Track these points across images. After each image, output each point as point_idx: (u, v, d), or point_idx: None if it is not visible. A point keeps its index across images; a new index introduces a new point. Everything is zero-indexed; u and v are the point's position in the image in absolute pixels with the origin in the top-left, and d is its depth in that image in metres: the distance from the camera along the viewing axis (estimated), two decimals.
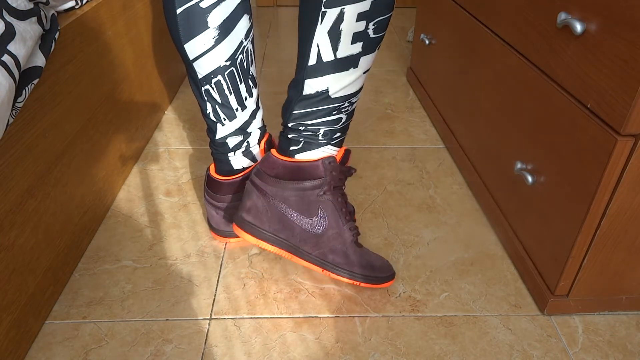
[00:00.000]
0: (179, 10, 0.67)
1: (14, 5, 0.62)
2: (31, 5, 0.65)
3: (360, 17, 0.62)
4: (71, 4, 0.83)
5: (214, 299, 0.76)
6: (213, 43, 0.70)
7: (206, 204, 0.85)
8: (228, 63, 0.72)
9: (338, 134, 0.73)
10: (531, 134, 0.76)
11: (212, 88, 0.74)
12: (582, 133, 0.63)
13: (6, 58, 0.57)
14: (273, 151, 0.74)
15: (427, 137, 1.22)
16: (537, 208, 0.75)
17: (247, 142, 0.80)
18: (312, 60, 0.65)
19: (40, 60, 0.67)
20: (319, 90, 0.68)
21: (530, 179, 0.74)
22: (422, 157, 1.14)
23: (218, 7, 0.67)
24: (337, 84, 0.67)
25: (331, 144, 0.73)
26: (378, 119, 1.31)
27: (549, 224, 0.72)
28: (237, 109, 0.76)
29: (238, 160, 0.82)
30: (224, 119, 0.77)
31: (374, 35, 0.64)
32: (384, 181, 1.05)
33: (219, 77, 0.73)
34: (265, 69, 1.64)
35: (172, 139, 1.20)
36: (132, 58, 1.09)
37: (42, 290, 0.71)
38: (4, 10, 0.60)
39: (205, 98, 0.75)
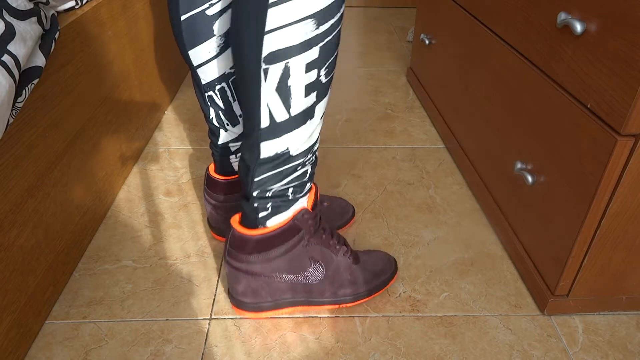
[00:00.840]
0: (183, 17, 0.66)
1: (14, 5, 0.62)
2: (31, 5, 0.65)
3: (309, 67, 0.55)
4: (71, 4, 0.83)
5: (214, 299, 0.76)
6: (218, 51, 0.68)
7: (206, 203, 0.85)
8: (232, 70, 0.71)
9: (308, 184, 0.67)
10: (531, 134, 0.76)
11: (216, 94, 0.73)
12: (582, 133, 0.63)
13: (6, 58, 0.57)
14: (238, 227, 0.67)
15: (427, 137, 1.22)
16: (537, 208, 0.75)
17: None
18: (265, 122, 0.58)
19: (40, 60, 0.67)
20: (279, 152, 0.61)
21: (530, 179, 0.74)
22: (422, 157, 1.14)
23: (224, 15, 0.66)
24: (297, 140, 0.60)
25: (301, 197, 0.67)
26: (378, 119, 1.31)
27: (549, 224, 0.72)
28: (240, 115, 0.75)
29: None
30: (227, 125, 0.76)
31: (326, 80, 0.58)
32: (384, 181, 1.05)
33: (223, 84, 0.72)
34: None
35: (172, 139, 1.20)
36: (132, 58, 1.09)
37: (42, 290, 0.71)
38: (4, 10, 0.60)
39: (209, 103, 0.75)
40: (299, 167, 0.64)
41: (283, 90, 0.56)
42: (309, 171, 0.66)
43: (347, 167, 1.10)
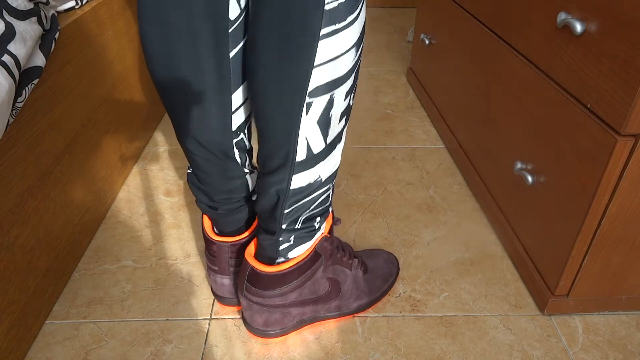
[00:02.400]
0: (232, 54, 0.57)
1: (14, 5, 0.62)
2: (31, 5, 0.65)
3: (347, 94, 0.54)
4: (71, 4, 0.83)
5: (214, 299, 0.76)
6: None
7: (218, 275, 0.73)
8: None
9: (329, 207, 0.65)
10: (531, 134, 0.76)
11: (245, 134, 0.65)
12: (582, 133, 0.63)
13: (6, 58, 0.57)
14: (255, 263, 0.64)
15: (427, 137, 1.22)
16: (537, 208, 0.75)
17: None
18: (301, 156, 0.55)
19: (40, 60, 0.67)
20: (311, 181, 0.58)
21: (530, 179, 0.74)
22: (422, 157, 1.14)
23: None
24: (328, 167, 0.59)
25: (323, 224, 0.65)
26: (378, 119, 1.31)
27: (549, 224, 0.72)
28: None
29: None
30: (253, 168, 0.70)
31: (352, 103, 0.57)
32: (384, 181, 1.05)
33: (250, 122, 0.67)
34: None
35: (172, 139, 1.20)
36: (132, 58, 1.09)
37: (42, 290, 0.71)
38: (4, 10, 0.60)
39: (236, 150, 0.65)
40: (326, 191, 0.62)
41: (324, 122, 0.54)
42: (330, 194, 0.64)
43: (347, 167, 1.10)
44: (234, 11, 0.53)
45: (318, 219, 0.63)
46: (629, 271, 0.70)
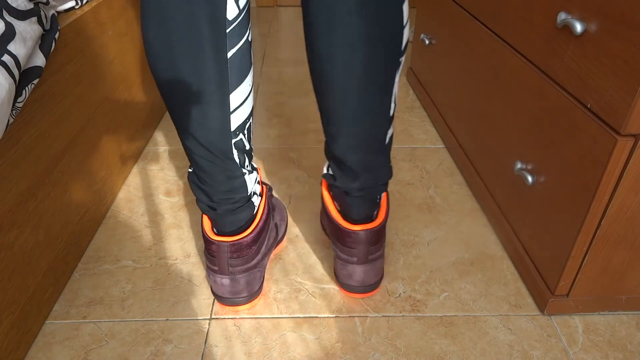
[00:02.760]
0: (230, 54, 0.57)
1: (14, 5, 0.62)
2: (31, 5, 0.65)
3: None
4: (71, 4, 0.83)
5: (214, 299, 0.76)
6: (251, 83, 0.64)
7: (223, 277, 0.72)
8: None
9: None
10: (531, 134, 0.76)
11: (244, 135, 0.67)
12: (582, 133, 0.63)
13: (6, 58, 0.57)
14: (368, 226, 0.70)
15: (427, 137, 1.22)
16: (537, 208, 0.75)
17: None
18: (392, 110, 0.63)
19: (40, 60, 0.67)
20: (390, 135, 0.66)
21: (530, 179, 0.74)
22: (422, 157, 1.14)
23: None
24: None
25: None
26: None
27: (549, 224, 0.72)
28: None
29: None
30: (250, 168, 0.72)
31: None
32: None
33: (251, 121, 0.68)
34: (265, 68, 1.64)
35: (172, 138, 1.20)
36: (132, 58, 1.09)
37: (42, 290, 0.71)
38: (4, 10, 0.60)
39: (235, 150, 0.65)
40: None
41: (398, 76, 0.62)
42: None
43: None
44: (232, 12, 0.54)
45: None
46: (629, 271, 0.70)
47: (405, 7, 0.56)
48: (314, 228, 0.91)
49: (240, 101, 0.61)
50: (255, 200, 0.71)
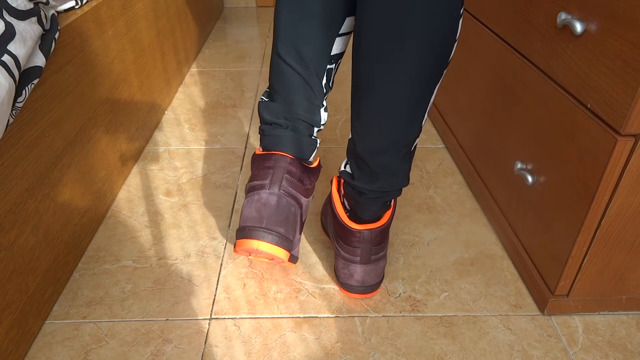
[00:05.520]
0: None
1: (14, 5, 0.62)
2: (31, 5, 0.65)
3: None
4: (71, 4, 0.83)
5: (214, 299, 0.76)
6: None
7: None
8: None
9: None
10: (531, 134, 0.76)
11: (334, 69, 0.73)
12: (582, 133, 0.63)
13: (6, 58, 0.57)
14: (381, 221, 0.71)
15: (427, 137, 1.22)
16: (537, 208, 0.75)
17: None
18: (424, 120, 0.65)
19: (40, 60, 0.67)
20: (416, 143, 0.70)
21: (530, 179, 0.74)
22: (422, 157, 1.14)
23: None
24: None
25: None
26: None
27: (549, 223, 0.72)
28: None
29: None
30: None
31: None
32: None
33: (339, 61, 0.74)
34: (265, 68, 1.64)
35: (172, 139, 1.20)
36: (132, 58, 1.09)
37: (42, 290, 0.71)
38: (4, 10, 0.60)
39: (325, 78, 0.71)
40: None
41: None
42: None
43: None
44: None
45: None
46: (629, 271, 0.70)
47: (461, 22, 0.58)
48: (314, 228, 0.91)
49: (345, 30, 0.67)
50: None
